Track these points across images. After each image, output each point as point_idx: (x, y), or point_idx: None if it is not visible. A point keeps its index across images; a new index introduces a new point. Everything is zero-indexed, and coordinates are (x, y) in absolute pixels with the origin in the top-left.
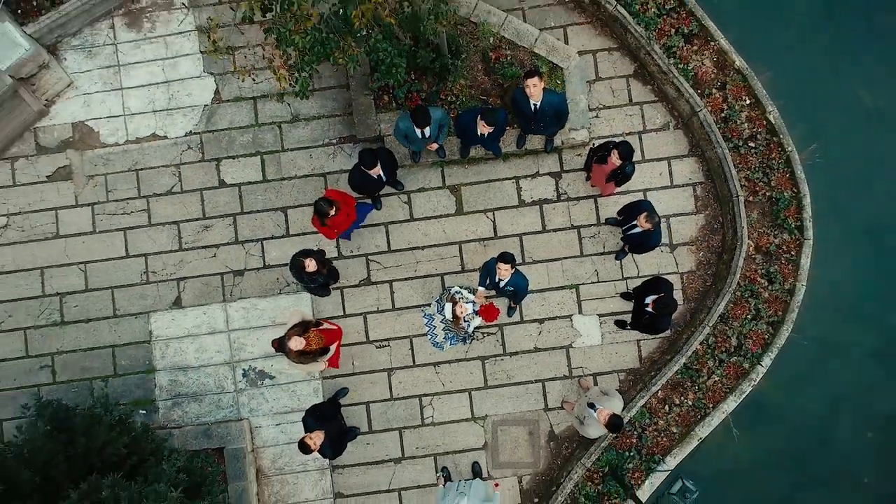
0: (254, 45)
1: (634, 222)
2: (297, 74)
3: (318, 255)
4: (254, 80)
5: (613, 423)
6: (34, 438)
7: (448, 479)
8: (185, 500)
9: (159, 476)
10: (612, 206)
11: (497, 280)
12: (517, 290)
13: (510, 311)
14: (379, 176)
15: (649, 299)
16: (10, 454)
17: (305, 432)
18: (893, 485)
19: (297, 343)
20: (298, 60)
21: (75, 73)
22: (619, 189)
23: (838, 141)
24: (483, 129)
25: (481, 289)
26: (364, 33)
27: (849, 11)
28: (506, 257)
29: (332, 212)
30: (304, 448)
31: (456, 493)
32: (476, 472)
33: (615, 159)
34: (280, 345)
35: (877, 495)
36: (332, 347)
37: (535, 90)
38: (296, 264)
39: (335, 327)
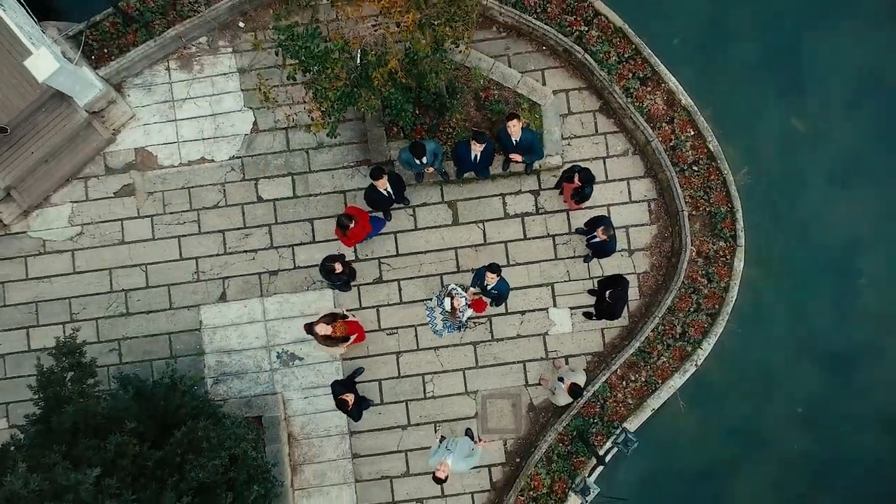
0: (289, 90)
1: (595, 233)
2: (328, 119)
3: (342, 258)
4: (289, 117)
5: (574, 391)
6: (122, 402)
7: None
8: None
9: (225, 427)
10: (581, 217)
11: (485, 284)
12: (500, 293)
13: (494, 304)
14: (388, 191)
15: (608, 291)
16: (104, 414)
17: (335, 397)
18: (817, 450)
19: (323, 329)
20: (329, 108)
21: (137, 107)
22: (581, 206)
23: (768, 164)
24: (476, 148)
25: (472, 289)
26: (380, 87)
27: (781, 55)
28: (493, 268)
29: (352, 224)
30: (342, 405)
31: (444, 450)
32: (469, 436)
33: (577, 181)
34: (310, 329)
35: (802, 459)
36: (352, 337)
37: (514, 129)
38: (326, 267)
39: (355, 320)
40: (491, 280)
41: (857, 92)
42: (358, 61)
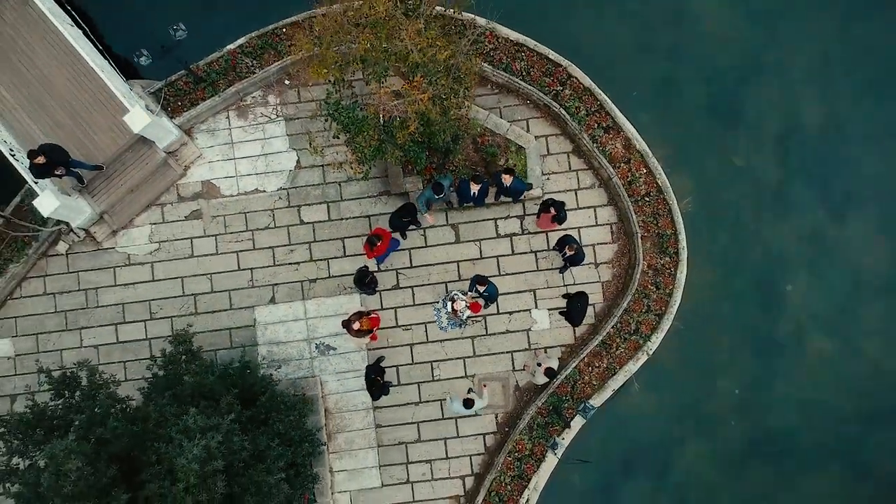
0: (325, 135)
1: (565, 249)
2: (362, 166)
3: (368, 270)
4: (333, 164)
5: (549, 373)
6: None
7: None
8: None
9: (288, 397)
10: (555, 238)
11: (478, 289)
12: (490, 295)
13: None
14: (406, 219)
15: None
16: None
17: (368, 378)
18: (748, 424)
19: (357, 324)
20: (364, 159)
21: (204, 148)
22: (559, 227)
23: (708, 194)
24: (474, 187)
25: (470, 293)
26: (402, 144)
27: (721, 105)
28: (479, 279)
29: (379, 243)
30: (373, 385)
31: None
32: (467, 405)
33: (552, 211)
34: (346, 324)
35: (735, 431)
36: (375, 330)
37: (507, 180)
38: (359, 276)
39: (377, 316)
40: (480, 288)
41: (782, 134)
42: (383, 124)
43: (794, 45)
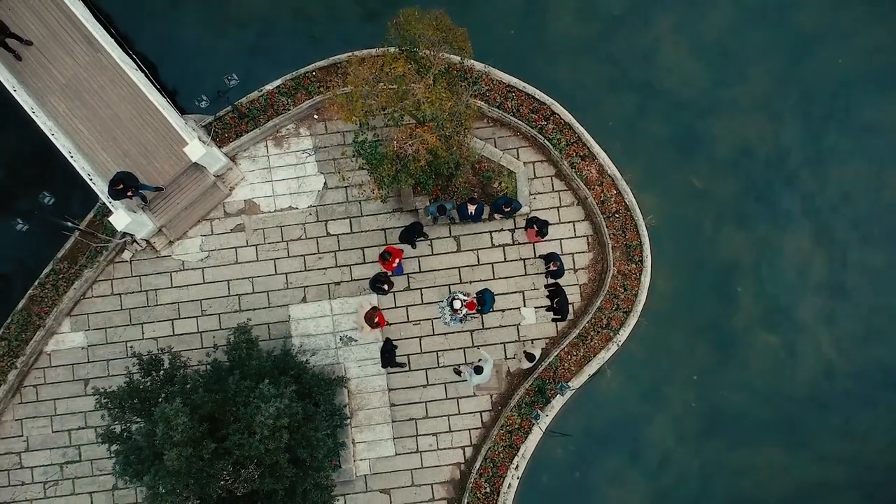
0: (347, 162)
1: (549, 265)
2: (382, 192)
3: (386, 275)
4: (358, 187)
5: (528, 357)
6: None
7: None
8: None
9: (320, 375)
10: (542, 248)
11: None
12: (485, 298)
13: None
14: (413, 234)
15: (555, 300)
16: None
17: (386, 354)
18: (704, 404)
19: (377, 317)
20: (383, 185)
21: (246, 172)
22: (542, 239)
23: (669, 211)
24: (471, 207)
25: (465, 294)
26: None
27: (682, 133)
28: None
29: (390, 258)
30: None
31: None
32: (478, 372)
33: (536, 226)
34: (369, 317)
35: (694, 410)
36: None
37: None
38: (376, 280)
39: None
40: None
41: (734, 159)
42: (399, 158)
43: (744, 83)
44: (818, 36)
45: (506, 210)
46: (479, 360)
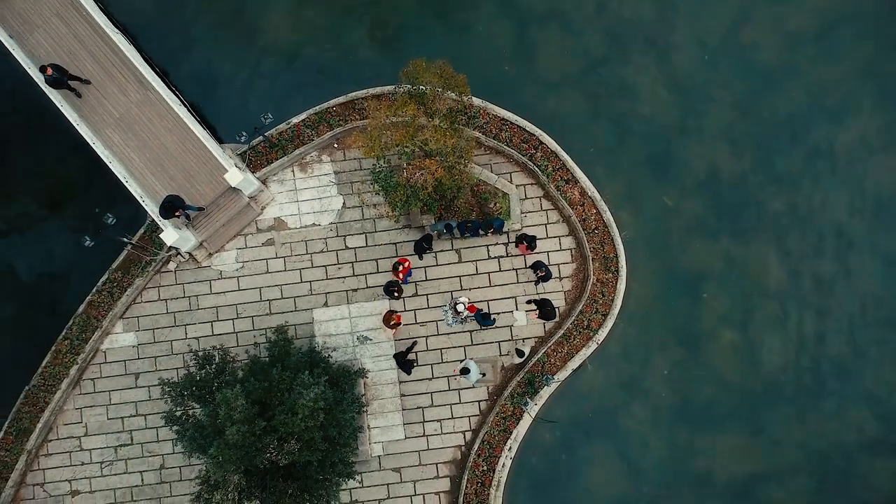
0: (364, 185)
1: (538, 272)
2: (395, 213)
3: (398, 283)
4: (374, 206)
5: (519, 353)
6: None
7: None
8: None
9: (344, 367)
10: (531, 259)
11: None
12: (480, 311)
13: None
14: (425, 245)
15: (543, 308)
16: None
17: (400, 358)
18: (674, 394)
19: (392, 320)
20: (396, 208)
21: (275, 194)
22: (532, 252)
23: (643, 227)
24: (469, 226)
25: (466, 299)
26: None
27: (655, 158)
28: (481, 315)
29: (401, 268)
30: (405, 362)
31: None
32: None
33: (526, 240)
34: (386, 319)
35: (665, 400)
36: (401, 324)
37: (491, 231)
38: (388, 287)
39: (399, 315)
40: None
41: (701, 181)
42: (409, 186)
43: (710, 114)
44: (774, 73)
45: (500, 228)
46: (462, 362)
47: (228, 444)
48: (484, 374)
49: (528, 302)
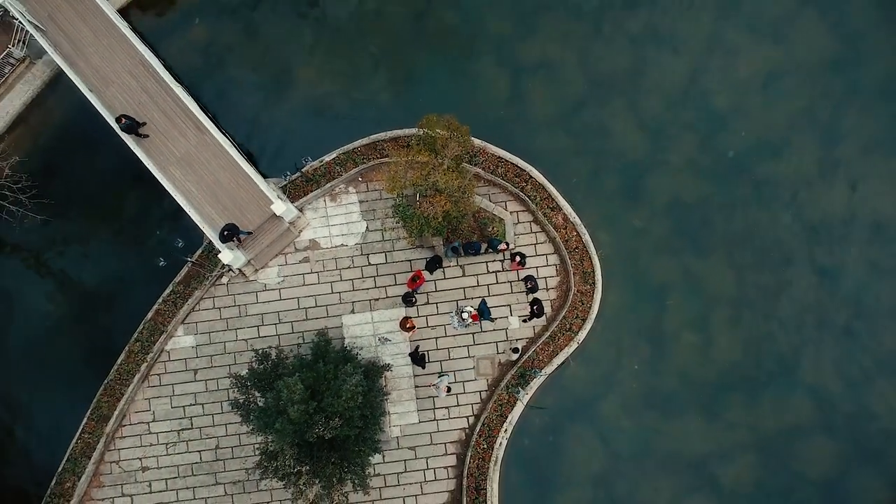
0: (393, 221)
1: (527, 283)
2: (413, 238)
3: (412, 293)
4: (392, 230)
5: (514, 351)
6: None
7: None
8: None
9: (372, 362)
10: (523, 274)
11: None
12: (483, 308)
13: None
14: (436, 264)
15: (534, 307)
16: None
17: (416, 356)
18: (646, 387)
19: (409, 323)
20: (413, 233)
21: (310, 219)
22: (524, 268)
23: (617, 246)
24: (471, 247)
25: (469, 307)
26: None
27: (629, 187)
28: (471, 307)
29: (417, 280)
30: (419, 359)
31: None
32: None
33: (517, 258)
34: (402, 324)
35: (637, 391)
36: (416, 327)
37: (502, 248)
38: (406, 297)
39: (412, 321)
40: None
41: (668, 205)
42: (423, 216)
43: (674, 149)
44: (727, 114)
45: (498, 248)
46: (440, 375)
47: (290, 420)
48: (450, 389)
49: (530, 303)
